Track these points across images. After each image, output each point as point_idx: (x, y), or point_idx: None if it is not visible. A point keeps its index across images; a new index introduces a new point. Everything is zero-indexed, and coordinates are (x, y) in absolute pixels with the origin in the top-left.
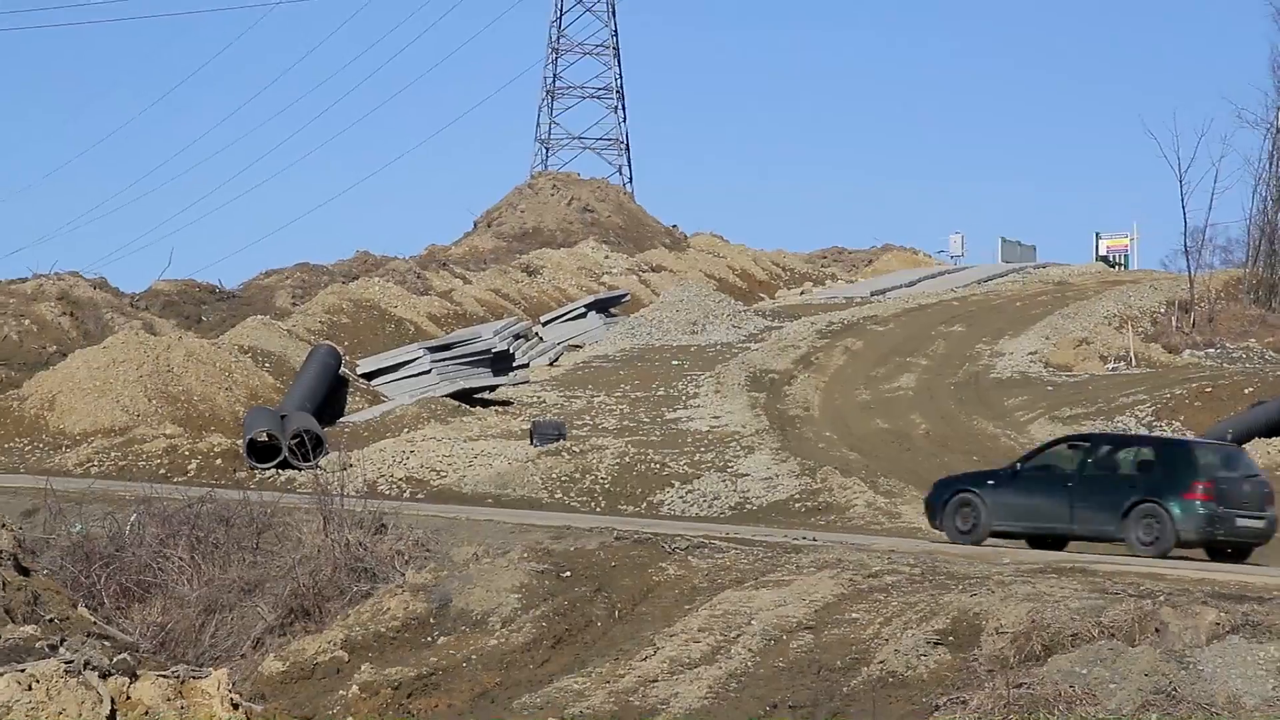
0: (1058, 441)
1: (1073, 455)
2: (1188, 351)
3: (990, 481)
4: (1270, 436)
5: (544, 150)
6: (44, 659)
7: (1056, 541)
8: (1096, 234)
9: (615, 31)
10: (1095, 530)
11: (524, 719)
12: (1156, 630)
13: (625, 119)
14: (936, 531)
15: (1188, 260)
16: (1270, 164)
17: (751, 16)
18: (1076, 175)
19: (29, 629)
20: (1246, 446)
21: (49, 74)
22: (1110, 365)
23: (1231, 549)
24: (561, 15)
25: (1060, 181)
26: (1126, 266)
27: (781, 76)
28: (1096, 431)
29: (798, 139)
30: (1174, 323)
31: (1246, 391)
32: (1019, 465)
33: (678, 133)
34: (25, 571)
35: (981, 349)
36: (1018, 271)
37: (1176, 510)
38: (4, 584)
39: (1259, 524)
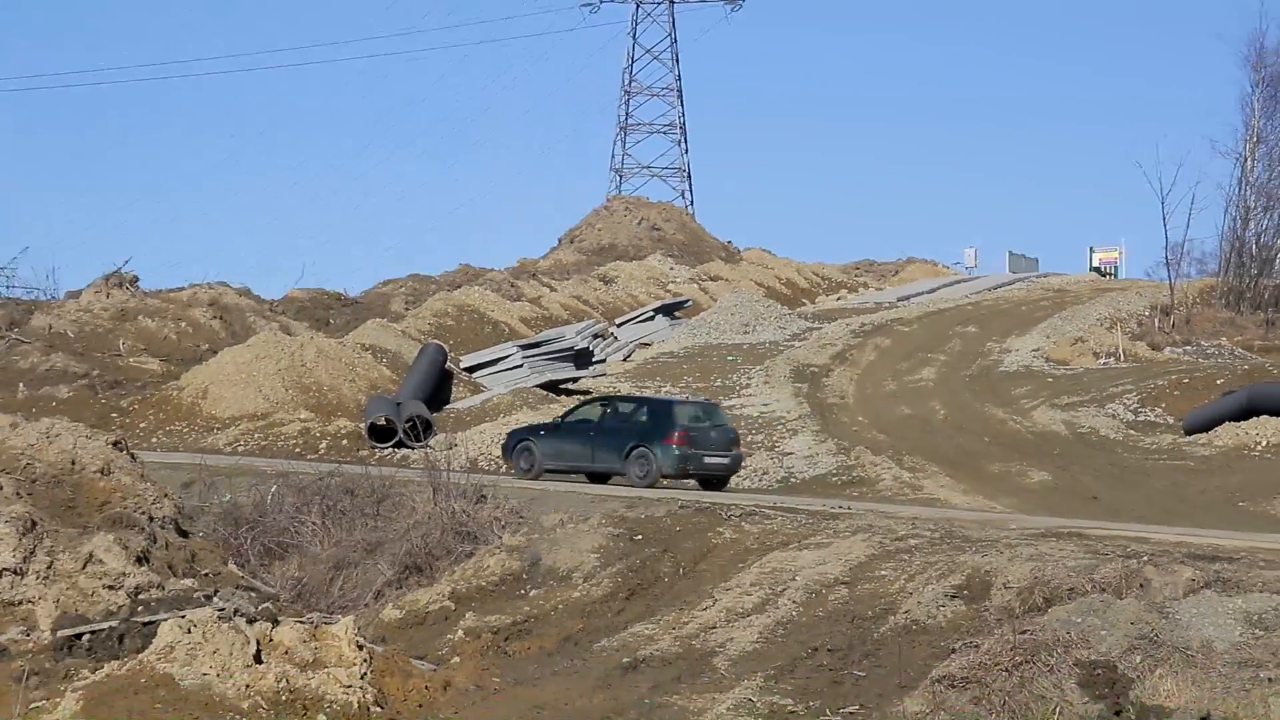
0: (589, 401)
1: (597, 411)
2: (1168, 349)
3: (542, 432)
4: (1239, 420)
5: (618, 178)
6: (200, 607)
7: (598, 477)
8: (1090, 248)
9: (678, 76)
10: (608, 467)
11: (603, 660)
12: (1141, 585)
13: (687, 150)
14: (509, 471)
15: (1168, 270)
16: (1239, 188)
17: (793, 62)
18: (1073, 196)
19: (187, 582)
20: (1219, 430)
21: (210, 115)
22: (1102, 360)
23: (711, 479)
24: (633, 63)
25: (1059, 202)
26: (1116, 276)
27: (819, 111)
28: (617, 394)
29: (834, 163)
30: (1156, 324)
31: (1218, 382)
32: (560, 419)
33: (733, 159)
34: (184, 534)
35: (991, 346)
36: (1022, 280)
37: (658, 452)
38: (166, 544)
39: (724, 461)
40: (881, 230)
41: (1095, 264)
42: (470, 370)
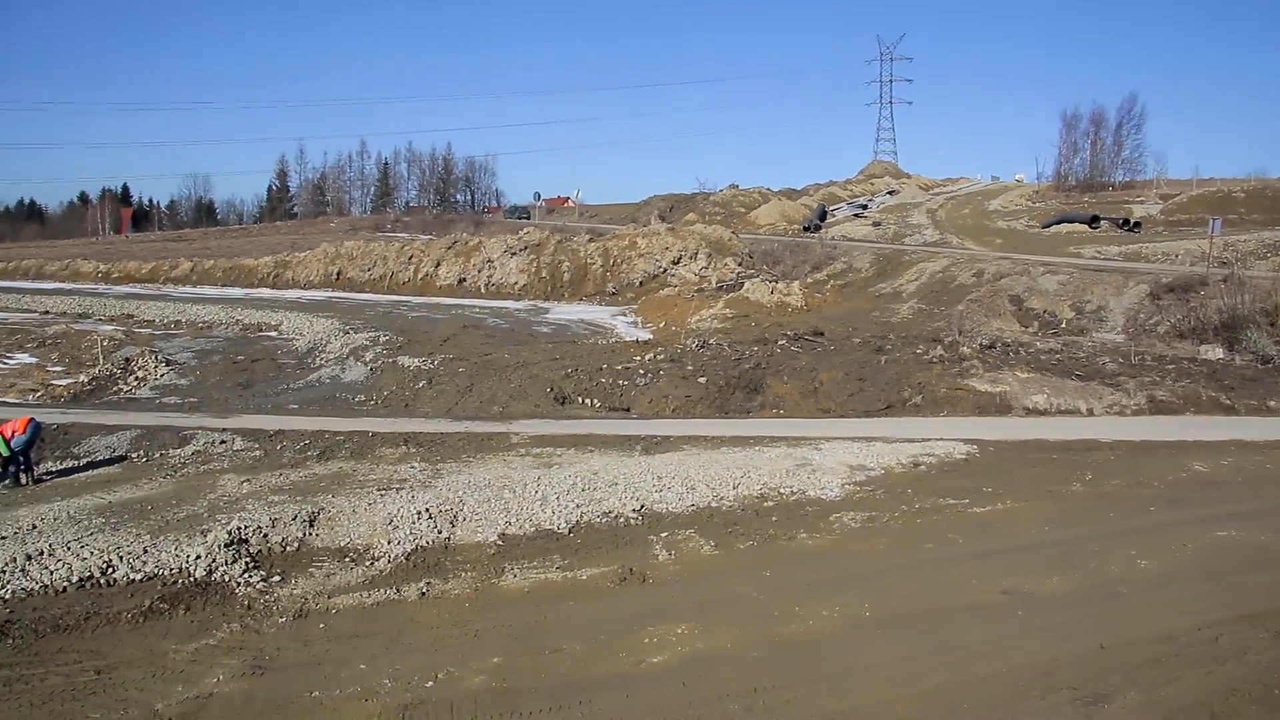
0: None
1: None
2: (1039, 204)
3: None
4: (1058, 225)
5: (874, 153)
6: (755, 278)
7: None
8: (1016, 172)
9: (893, 128)
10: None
11: (870, 293)
12: (1029, 272)
13: (895, 143)
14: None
15: (1038, 180)
16: (1059, 154)
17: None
18: (1011, 152)
19: (750, 271)
20: (1053, 227)
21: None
22: (1018, 206)
23: None
24: (879, 124)
25: (1005, 156)
26: (1025, 182)
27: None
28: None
29: (941, 136)
30: (1036, 196)
31: (1053, 213)
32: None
33: (911, 145)
34: (751, 256)
35: (986, 203)
36: (994, 182)
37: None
38: (747, 262)
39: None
40: (950, 162)
41: (1017, 177)
42: (832, 211)
